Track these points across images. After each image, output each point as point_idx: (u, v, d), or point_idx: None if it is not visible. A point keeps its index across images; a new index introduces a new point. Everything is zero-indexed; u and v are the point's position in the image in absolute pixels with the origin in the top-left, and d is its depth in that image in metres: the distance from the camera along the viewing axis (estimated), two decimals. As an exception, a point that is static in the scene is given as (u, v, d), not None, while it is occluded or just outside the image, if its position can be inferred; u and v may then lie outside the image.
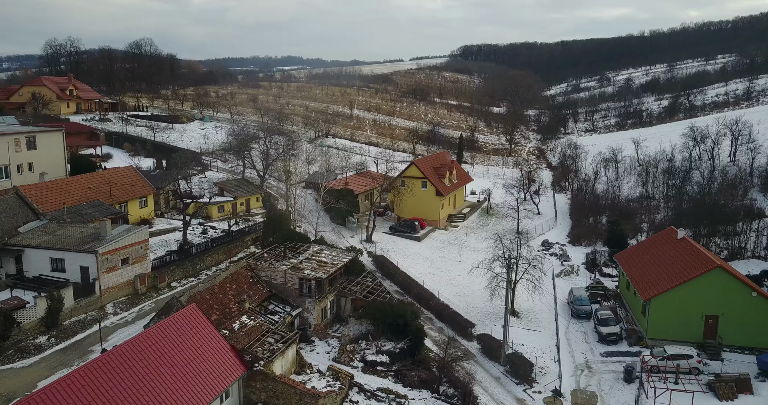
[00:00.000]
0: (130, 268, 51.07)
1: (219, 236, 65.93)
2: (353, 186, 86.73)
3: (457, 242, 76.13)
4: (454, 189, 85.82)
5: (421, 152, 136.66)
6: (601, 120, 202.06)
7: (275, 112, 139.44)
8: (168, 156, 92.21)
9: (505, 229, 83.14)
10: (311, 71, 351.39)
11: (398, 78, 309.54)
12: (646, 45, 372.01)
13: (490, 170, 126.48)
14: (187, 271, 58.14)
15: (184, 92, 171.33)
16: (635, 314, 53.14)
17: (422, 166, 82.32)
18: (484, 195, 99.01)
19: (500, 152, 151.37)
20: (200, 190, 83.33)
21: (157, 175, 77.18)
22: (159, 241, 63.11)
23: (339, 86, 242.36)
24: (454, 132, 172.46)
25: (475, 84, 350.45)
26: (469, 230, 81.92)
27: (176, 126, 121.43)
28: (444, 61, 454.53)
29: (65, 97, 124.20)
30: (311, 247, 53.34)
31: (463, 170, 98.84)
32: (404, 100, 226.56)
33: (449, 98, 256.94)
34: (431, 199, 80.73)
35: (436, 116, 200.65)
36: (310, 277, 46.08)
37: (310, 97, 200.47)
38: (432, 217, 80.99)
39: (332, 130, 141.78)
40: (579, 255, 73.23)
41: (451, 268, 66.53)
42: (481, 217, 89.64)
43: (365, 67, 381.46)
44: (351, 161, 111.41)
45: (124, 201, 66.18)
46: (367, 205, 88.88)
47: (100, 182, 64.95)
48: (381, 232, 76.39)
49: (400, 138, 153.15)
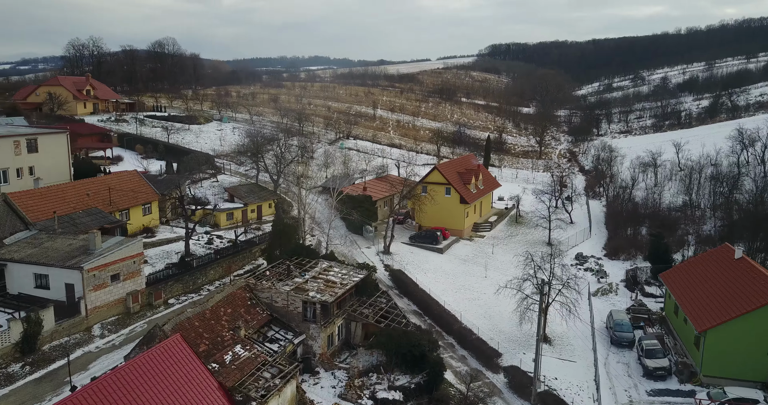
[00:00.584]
0: (121, 285, 46.61)
1: (225, 247, 61.33)
2: (372, 191, 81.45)
3: (482, 255, 70.19)
4: (480, 196, 79.85)
5: (446, 154, 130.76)
6: (636, 121, 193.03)
7: (295, 113, 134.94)
8: (180, 159, 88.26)
9: (535, 240, 76.90)
10: (336, 71, 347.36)
11: (424, 77, 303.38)
12: (683, 43, 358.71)
13: (518, 174, 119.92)
14: (187, 286, 53.58)
15: (204, 92, 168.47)
16: (686, 344, 46.65)
17: (445, 171, 76.56)
18: (512, 201, 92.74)
19: (529, 155, 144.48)
20: (212, 195, 79.12)
21: (165, 180, 73.06)
22: (160, 252, 58.81)
23: (363, 86, 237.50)
24: (480, 133, 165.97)
25: (504, 83, 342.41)
26: (497, 241, 75.88)
27: (193, 127, 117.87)
28: (471, 61, 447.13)
29: (82, 97, 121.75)
30: (320, 263, 48.14)
31: (490, 175, 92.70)
32: (430, 100, 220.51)
33: (476, 98, 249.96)
34: (455, 207, 74.95)
35: (462, 117, 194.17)
36: (314, 301, 40.87)
37: (333, 97, 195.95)
38: (456, 227, 75.21)
39: (354, 132, 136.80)
40: (617, 270, 66.65)
41: (476, 284, 60.70)
42: (509, 226, 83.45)
43: (391, 66, 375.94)
44: (371, 164, 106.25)
45: (125, 208, 62.08)
46: (386, 213, 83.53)
47: (100, 188, 60.90)
48: (400, 243, 70.91)
49: (425, 139, 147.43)
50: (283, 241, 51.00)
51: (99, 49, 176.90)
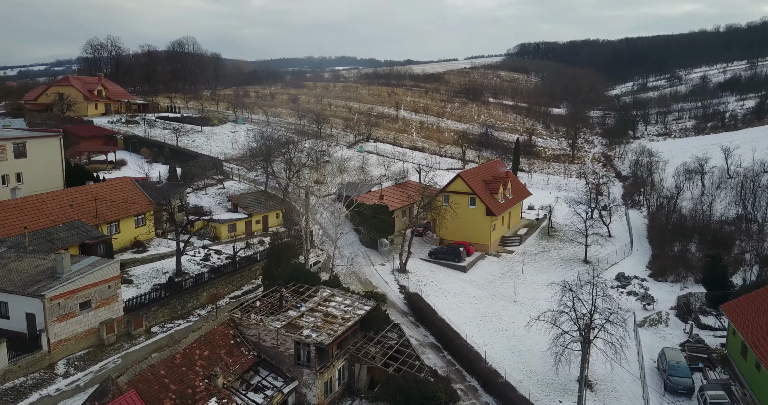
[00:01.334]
0: (93, 314, 40.59)
1: (223, 264, 55.11)
2: (389, 200, 74.56)
3: (511, 274, 62.69)
4: (508, 206, 72.29)
5: (472, 158, 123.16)
6: (675, 123, 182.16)
7: (314, 114, 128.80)
8: (186, 163, 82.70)
9: (570, 257, 69.02)
10: (361, 71, 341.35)
11: (451, 77, 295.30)
12: (722, 41, 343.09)
13: (550, 180, 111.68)
14: (175, 311, 47.41)
15: (222, 92, 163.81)
16: (759, 395, 38.64)
17: (470, 179, 69.21)
18: (544, 211, 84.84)
19: (561, 158, 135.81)
20: (215, 204, 73.21)
21: (164, 188, 67.25)
22: (149, 271, 52.83)
23: (387, 86, 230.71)
24: (509, 135, 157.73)
25: (533, 83, 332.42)
26: (527, 257, 68.24)
27: (205, 128, 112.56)
28: (499, 60, 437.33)
29: (93, 98, 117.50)
30: (320, 291, 41.41)
31: (520, 183, 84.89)
32: (455, 100, 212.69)
33: (504, 98, 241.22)
34: (480, 219, 67.57)
35: (489, 117, 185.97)
36: (309, 342, 34.12)
37: (355, 98, 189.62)
38: (481, 241, 67.83)
39: (374, 134, 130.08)
40: (665, 295, 58.49)
41: (504, 311, 53.28)
42: (540, 239, 75.64)
43: (417, 66, 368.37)
44: (390, 169, 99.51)
45: (114, 220, 56.30)
46: (404, 223, 76.60)
47: (86, 198, 55.20)
48: (418, 259, 63.85)
49: (449, 142, 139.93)
50: (281, 261, 44.35)
51: (117, 49, 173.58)
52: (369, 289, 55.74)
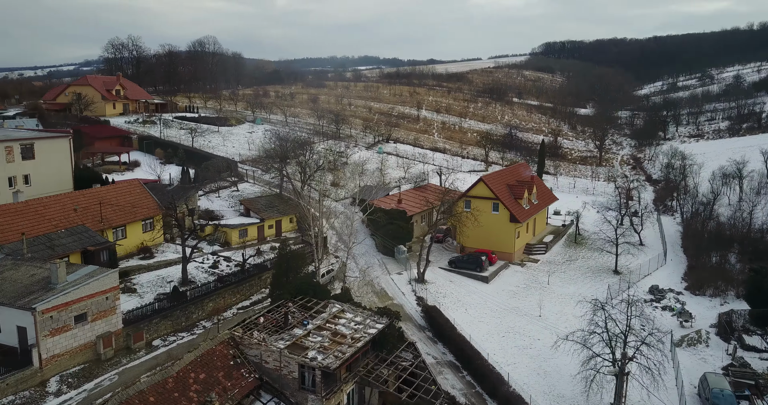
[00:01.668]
0: (90, 327, 38.22)
1: (232, 272, 52.52)
2: (407, 204, 71.40)
3: (536, 285, 59.00)
4: (533, 213, 68.57)
5: (495, 160, 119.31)
6: (708, 123, 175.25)
7: (333, 115, 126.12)
8: (200, 165, 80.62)
9: (599, 267, 65.01)
10: (383, 71, 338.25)
11: (474, 76, 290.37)
12: (756, 39, 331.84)
13: (576, 183, 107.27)
14: (178, 323, 44.92)
15: (242, 92, 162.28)
16: (815, 431, 34.61)
17: (493, 183, 65.65)
18: (570, 217, 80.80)
19: (588, 161, 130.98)
20: (228, 207, 70.85)
21: (175, 190, 65.00)
22: (155, 279, 50.45)
23: (409, 86, 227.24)
24: (533, 136, 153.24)
25: (558, 83, 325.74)
26: (553, 267, 64.45)
27: (222, 129, 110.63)
28: (524, 59, 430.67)
29: (111, 98, 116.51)
30: (329, 306, 38.42)
31: (546, 187, 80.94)
32: (479, 100, 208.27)
33: (529, 98, 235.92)
34: (504, 226, 63.99)
35: (513, 118, 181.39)
36: (314, 365, 31.17)
37: (376, 98, 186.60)
38: (504, 249, 64.25)
39: (394, 134, 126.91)
40: (704, 311, 54.24)
41: (529, 327, 49.71)
42: (567, 247, 71.70)
43: (440, 65, 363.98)
44: (410, 172, 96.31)
45: (120, 225, 54.10)
46: (423, 229, 73.35)
47: (91, 201, 53.10)
48: (437, 268, 60.56)
49: (472, 142, 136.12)
50: (288, 273, 41.50)
51: (138, 49, 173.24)
52: (384, 300, 52.77)
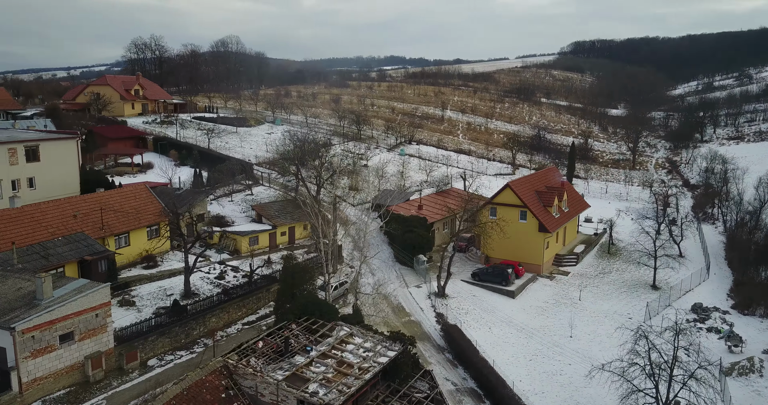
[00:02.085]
0: (77, 347, 35.14)
1: (238, 284, 49.18)
2: (428, 211, 67.40)
3: (567, 301, 54.41)
4: (564, 221, 63.89)
5: (523, 162, 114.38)
6: (747, 125, 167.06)
7: (354, 115, 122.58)
8: (213, 167, 77.82)
9: (636, 281, 60.03)
10: (409, 70, 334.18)
11: (501, 76, 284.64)
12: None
13: (608, 188, 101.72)
14: (177, 340, 41.66)
15: (264, 92, 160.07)
16: None
17: (520, 189, 61.18)
18: (603, 225, 75.74)
19: (620, 164, 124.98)
20: (240, 212, 67.78)
21: (184, 195, 62.11)
22: (157, 290, 47.38)
23: (434, 85, 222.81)
24: (562, 138, 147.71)
25: (588, 83, 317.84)
26: (585, 280, 59.71)
27: (240, 129, 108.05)
28: (552, 59, 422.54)
29: (129, 98, 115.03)
30: (338, 329, 34.66)
31: (577, 193, 76.00)
32: (506, 100, 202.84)
33: (558, 98, 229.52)
34: (532, 236, 59.49)
35: (542, 119, 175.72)
36: (314, 402, 27.43)
37: (399, 98, 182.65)
38: (532, 261, 59.76)
39: (417, 135, 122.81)
40: (755, 333, 49.08)
41: (559, 349, 45.27)
42: (599, 258, 66.78)
43: (466, 65, 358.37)
44: (432, 175, 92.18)
45: (123, 232, 51.24)
46: (445, 236, 69.28)
47: (92, 207, 50.32)
48: (459, 280, 56.39)
49: (498, 144, 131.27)
50: (295, 289, 37.88)
51: (160, 48, 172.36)
52: (401, 316, 48.92)
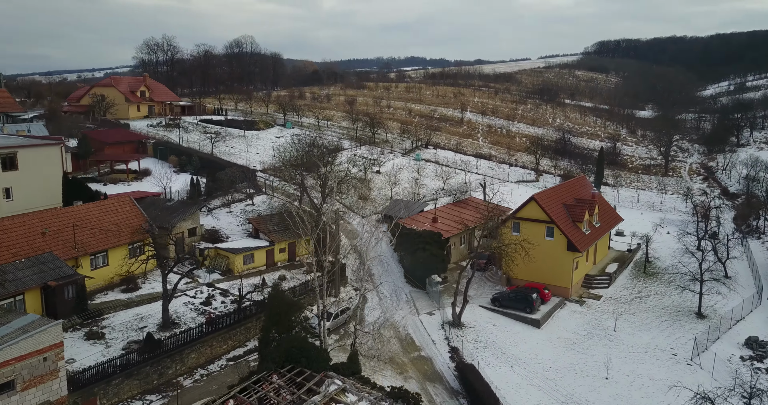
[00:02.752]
0: (19, 398, 29.61)
1: (226, 312, 43.48)
2: (444, 224, 61.18)
3: (600, 332, 47.72)
4: (595, 238, 57.12)
5: (547, 168, 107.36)
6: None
7: (368, 118, 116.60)
8: (213, 174, 72.56)
9: (677, 308, 52.98)
10: (429, 71, 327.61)
11: (523, 77, 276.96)
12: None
13: (640, 196, 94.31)
14: (149, 381, 36.09)
15: (277, 93, 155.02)
16: None
17: (547, 203, 54.58)
18: (637, 239, 68.58)
19: (651, 170, 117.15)
20: (237, 225, 62.25)
21: (175, 207, 56.80)
22: (132, 319, 41.96)
23: (454, 86, 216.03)
24: (588, 141, 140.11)
25: (613, 83, 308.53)
26: (619, 306, 52.90)
27: (249, 133, 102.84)
28: (576, 59, 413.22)
29: (135, 100, 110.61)
30: (328, 382, 28.61)
31: (609, 205, 68.95)
32: (528, 102, 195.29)
33: (582, 99, 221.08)
34: (560, 256, 52.89)
35: (566, 121, 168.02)
36: None
37: (417, 99, 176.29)
38: (560, 283, 53.16)
39: (434, 139, 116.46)
40: (825, 376, 41.85)
41: (593, 395, 38.67)
42: (634, 278, 59.80)
43: (487, 66, 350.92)
44: (450, 182, 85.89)
45: (101, 250, 45.97)
46: (463, 252, 63.06)
47: (65, 223, 45.11)
48: (477, 306, 50.04)
49: (520, 148, 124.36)
50: (279, 328, 31.96)
51: (173, 49, 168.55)
52: (410, 350, 42.83)
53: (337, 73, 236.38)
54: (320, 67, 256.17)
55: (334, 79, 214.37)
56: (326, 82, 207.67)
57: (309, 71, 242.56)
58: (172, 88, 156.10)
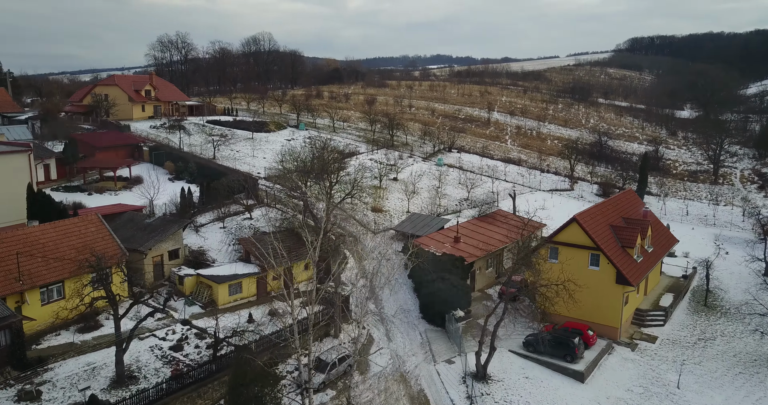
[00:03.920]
0: None
1: (200, 362, 35.59)
2: (467, 245, 52.64)
3: (659, 388, 38.56)
4: (649, 266, 47.78)
5: (582, 175, 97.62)
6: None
7: (387, 118, 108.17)
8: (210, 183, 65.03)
9: (753, 355, 43.39)
10: (454, 69, 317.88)
11: (552, 75, 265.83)
12: None
13: (689, 207, 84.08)
14: (86, 461, 28.37)
15: (293, 92, 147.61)
16: None
17: (591, 225, 45.46)
18: (692, 262, 58.99)
19: (699, 177, 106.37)
20: (227, 244, 54.39)
21: (156, 224, 49.21)
22: (83, 370, 34.44)
23: (480, 84, 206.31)
24: (626, 144, 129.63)
25: (647, 81, 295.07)
26: (680, 351, 43.55)
27: (258, 135, 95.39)
28: (607, 56, 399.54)
29: (140, 99, 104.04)
30: None
31: (661, 225, 59.10)
32: (559, 101, 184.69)
33: (617, 98, 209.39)
34: (608, 289, 43.80)
35: (601, 121, 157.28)
36: None
37: (441, 98, 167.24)
38: (607, 322, 44.09)
39: (459, 141, 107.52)
40: None
41: None
42: (694, 313, 50.25)
43: (515, 64, 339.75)
44: (475, 192, 77.17)
45: (55, 281, 38.52)
46: (489, 277, 54.44)
47: (9, 250, 37.72)
48: (507, 351, 41.30)
49: (553, 152, 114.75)
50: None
51: (187, 46, 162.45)
52: (422, 414, 34.31)
53: (359, 71, 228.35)
54: (342, 66, 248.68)
55: (355, 77, 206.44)
56: (346, 80, 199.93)
57: (327, 69, 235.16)
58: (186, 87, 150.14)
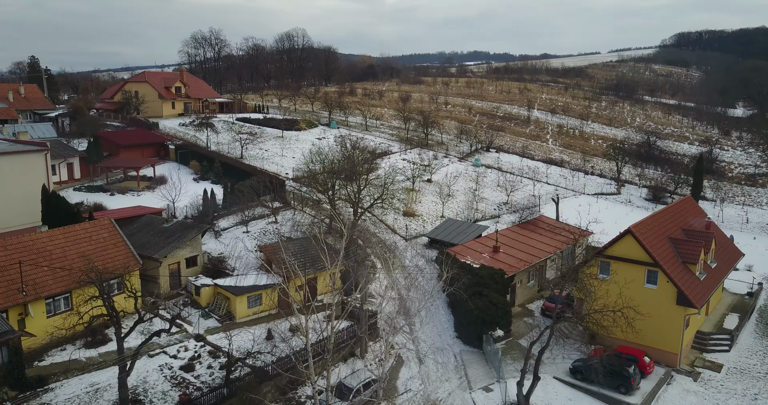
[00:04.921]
0: None
1: (211, 385, 32.40)
2: (507, 255, 48.30)
3: (729, 430, 33.66)
4: (713, 285, 42.55)
5: (629, 177, 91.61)
6: None
7: (421, 116, 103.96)
8: (234, 183, 62.28)
9: (838, 390, 37.91)
10: (492, 66, 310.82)
11: (594, 71, 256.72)
12: None
13: (748, 214, 77.55)
14: None
15: (326, 89, 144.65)
16: None
17: (648, 237, 40.53)
18: (758, 276, 53.29)
19: (757, 180, 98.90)
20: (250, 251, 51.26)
21: (174, 229, 46.40)
22: (84, 392, 31.80)
23: (519, 81, 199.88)
24: (675, 145, 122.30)
25: (695, 78, 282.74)
26: (749, 381, 38.36)
27: (288, 133, 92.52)
28: (652, 52, 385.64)
29: (170, 96, 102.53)
30: None
31: (725, 237, 53.31)
32: (602, 99, 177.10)
33: (663, 96, 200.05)
34: (667, 311, 38.90)
35: (647, 120, 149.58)
36: None
37: (478, 96, 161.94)
38: (665, 347, 39.21)
39: (497, 141, 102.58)
40: None
41: None
42: (763, 336, 44.75)
43: (555, 60, 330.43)
44: (515, 195, 72.47)
45: (61, 292, 35.89)
46: (531, 291, 50.00)
47: (12, 258, 35.21)
48: (551, 378, 36.91)
49: (597, 152, 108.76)
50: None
51: (221, 43, 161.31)
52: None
53: (394, 67, 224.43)
54: (377, 62, 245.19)
55: (390, 74, 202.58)
56: (381, 77, 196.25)
57: (363, 65, 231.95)
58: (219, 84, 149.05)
